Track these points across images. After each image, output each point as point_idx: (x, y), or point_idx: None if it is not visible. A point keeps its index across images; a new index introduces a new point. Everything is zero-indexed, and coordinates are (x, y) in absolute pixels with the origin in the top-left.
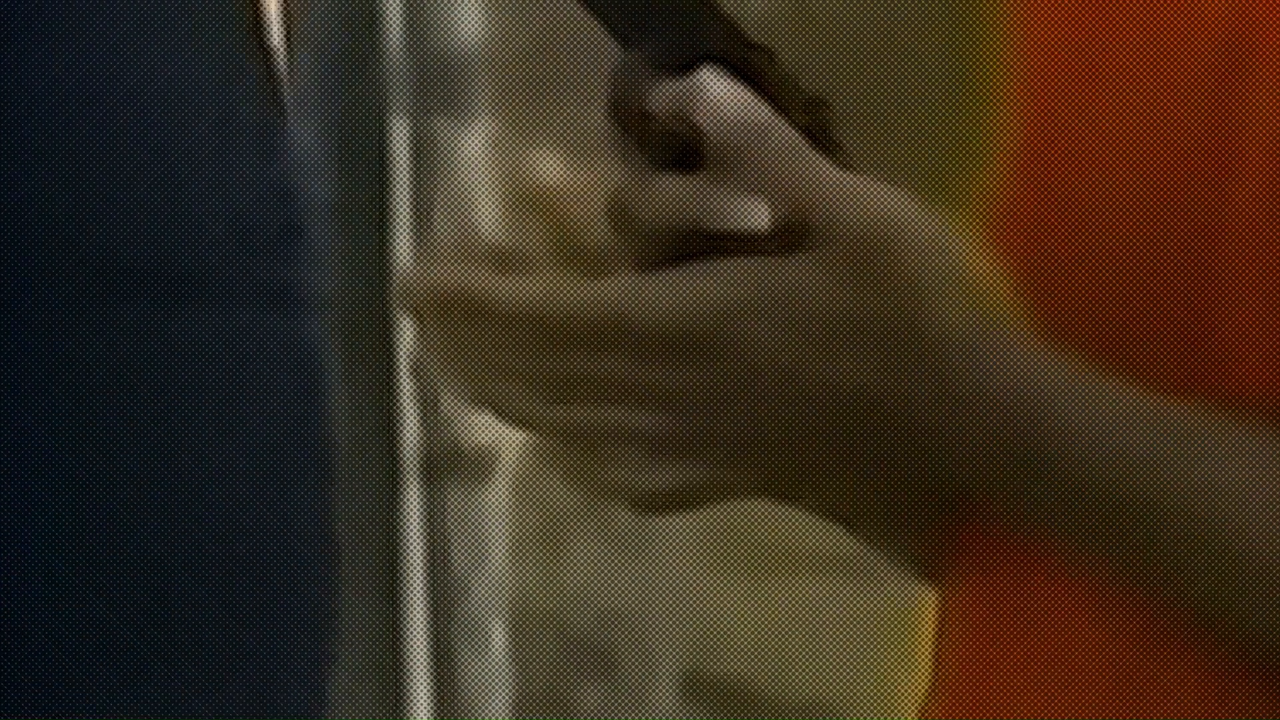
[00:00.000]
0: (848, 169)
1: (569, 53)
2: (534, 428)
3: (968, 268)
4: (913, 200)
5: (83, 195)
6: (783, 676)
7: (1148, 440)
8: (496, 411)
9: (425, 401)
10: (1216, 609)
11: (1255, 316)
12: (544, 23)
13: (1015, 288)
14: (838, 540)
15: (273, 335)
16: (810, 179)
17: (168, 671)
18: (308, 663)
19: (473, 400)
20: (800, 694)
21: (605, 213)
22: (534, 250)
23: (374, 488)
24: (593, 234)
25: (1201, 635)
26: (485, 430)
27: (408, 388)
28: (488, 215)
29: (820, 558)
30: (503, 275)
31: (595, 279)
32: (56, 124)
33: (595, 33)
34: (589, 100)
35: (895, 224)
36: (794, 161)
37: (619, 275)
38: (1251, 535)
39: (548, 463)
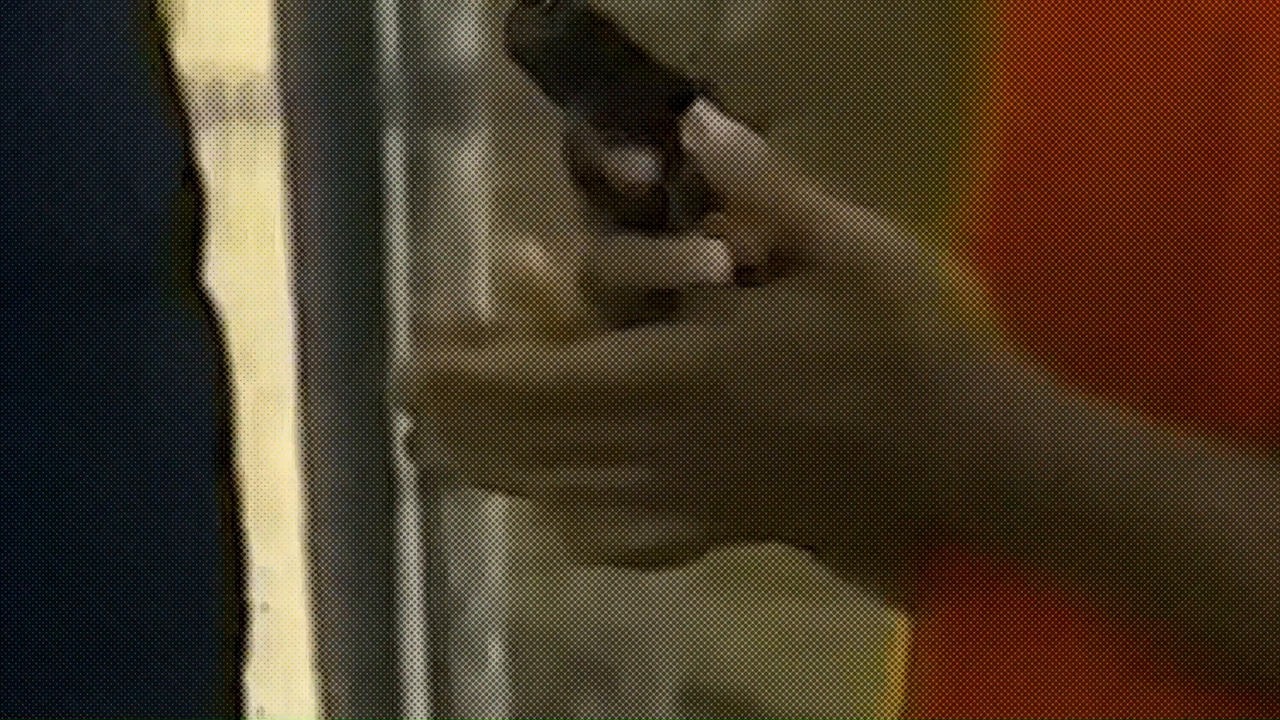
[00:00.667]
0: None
1: None
2: (524, 494)
3: (950, 291)
4: (893, 225)
5: (33, 191)
6: (778, 690)
7: (1132, 461)
8: (491, 485)
9: (423, 478)
10: (1203, 630)
11: (1255, 316)
12: None
13: (1002, 301)
14: None
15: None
16: (791, 204)
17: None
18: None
19: (468, 478)
20: (795, 707)
21: (576, 282)
22: (519, 326)
23: (371, 502)
24: (569, 305)
25: (1189, 657)
26: None
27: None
28: (482, 230)
29: (813, 578)
30: (487, 350)
31: (571, 344)
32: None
33: None
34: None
35: (876, 248)
36: (775, 187)
37: (593, 338)
38: (1240, 555)
39: (542, 527)
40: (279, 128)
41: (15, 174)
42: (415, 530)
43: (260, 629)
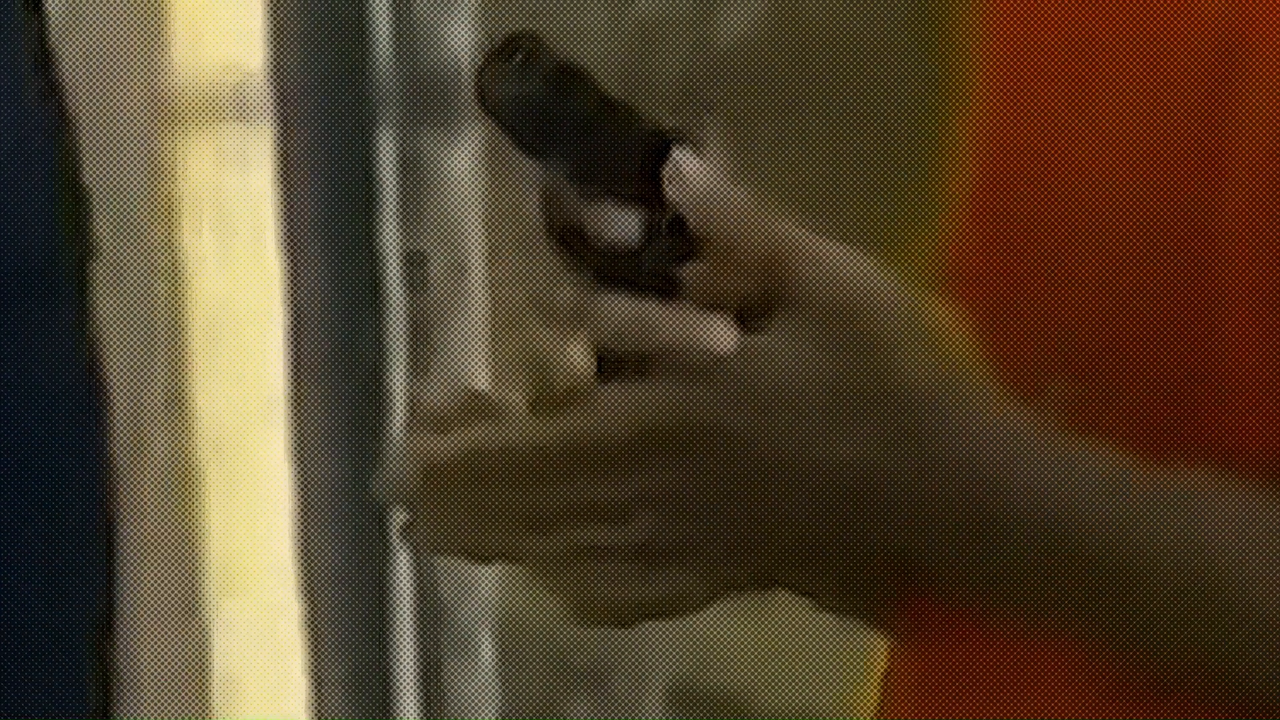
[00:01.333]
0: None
1: None
2: (524, 561)
3: (936, 330)
4: (877, 263)
5: None
6: (770, 691)
7: (1122, 498)
8: (491, 557)
9: (419, 555)
10: (1203, 657)
11: (1252, 316)
12: None
13: (997, 304)
14: None
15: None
16: (774, 246)
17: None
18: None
19: (468, 555)
20: (786, 708)
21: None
22: (515, 399)
23: (364, 502)
24: (565, 374)
25: (1188, 683)
26: None
27: (398, 406)
28: (475, 230)
29: None
30: (482, 425)
31: (568, 410)
32: None
33: (585, 44)
34: None
35: (861, 287)
36: (758, 231)
37: (585, 400)
38: (1240, 582)
39: (542, 589)
40: (272, 127)
41: None
42: None
43: (253, 629)
